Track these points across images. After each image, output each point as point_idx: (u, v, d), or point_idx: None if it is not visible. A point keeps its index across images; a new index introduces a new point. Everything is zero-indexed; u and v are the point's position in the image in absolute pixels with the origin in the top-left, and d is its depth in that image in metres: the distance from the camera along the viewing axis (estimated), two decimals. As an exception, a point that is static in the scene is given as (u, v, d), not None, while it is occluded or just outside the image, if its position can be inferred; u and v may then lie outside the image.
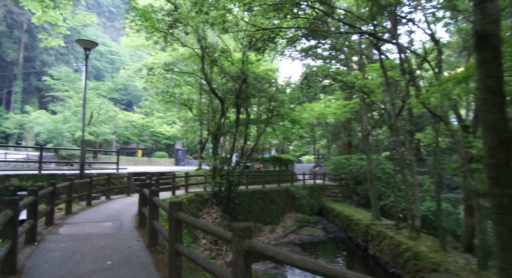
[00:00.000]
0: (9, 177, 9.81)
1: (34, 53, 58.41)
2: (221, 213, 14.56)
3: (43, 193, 5.82)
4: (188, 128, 28.29)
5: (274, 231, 17.36)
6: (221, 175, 14.52)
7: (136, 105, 57.50)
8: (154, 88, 16.65)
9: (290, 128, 23.43)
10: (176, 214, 3.75)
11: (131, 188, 13.14)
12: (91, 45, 11.28)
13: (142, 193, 6.41)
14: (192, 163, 43.00)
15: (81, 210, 8.63)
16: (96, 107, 30.44)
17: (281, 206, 19.75)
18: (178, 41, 15.22)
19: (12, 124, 41.82)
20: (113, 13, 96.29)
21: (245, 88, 14.50)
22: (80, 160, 10.67)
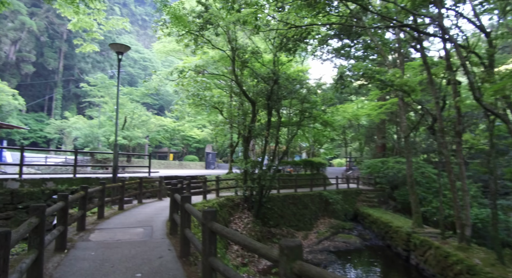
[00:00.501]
0: (45, 181, 9.95)
1: (73, 61, 61.27)
2: (253, 218, 14.16)
3: (74, 198, 5.66)
4: (218, 131, 28.27)
5: (307, 238, 16.71)
6: (253, 178, 14.14)
7: (168, 110, 58.74)
8: (185, 91, 16.62)
9: (321, 131, 22.70)
10: (211, 225, 3.36)
11: (162, 191, 13.05)
12: (124, 49, 11.31)
13: (174, 198, 6.12)
14: (222, 166, 43.07)
15: (113, 215, 8.52)
16: (129, 112, 31.19)
17: (314, 211, 19.05)
18: (208, 43, 15.08)
19: (52, 129, 43.92)
20: (146, 21, 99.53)
21: (277, 89, 14.06)
22: (113, 163, 10.67)
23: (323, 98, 17.79)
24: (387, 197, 24.57)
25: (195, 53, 16.55)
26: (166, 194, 13.76)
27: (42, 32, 56.35)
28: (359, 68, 11.83)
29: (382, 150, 32.90)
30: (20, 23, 50.67)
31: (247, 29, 14.81)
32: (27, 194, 9.27)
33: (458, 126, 10.10)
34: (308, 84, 18.14)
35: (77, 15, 12.39)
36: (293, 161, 27.14)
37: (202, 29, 13.17)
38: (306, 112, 16.44)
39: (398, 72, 12.96)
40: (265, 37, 15.51)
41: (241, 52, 14.10)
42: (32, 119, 54.17)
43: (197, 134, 45.06)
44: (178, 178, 15.57)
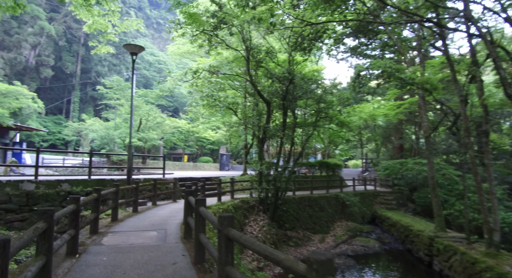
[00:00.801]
0: (60, 182, 9.92)
1: (90, 65, 62.41)
2: (268, 221, 13.86)
3: (86, 200, 5.50)
4: (233, 133, 28.10)
5: (324, 241, 16.28)
6: (268, 180, 13.85)
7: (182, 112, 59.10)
8: (199, 92, 16.49)
9: (337, 131, 22.22)
10: (227, 231, 3.10)
11: (177, 193, 12.91)
12: (138, 49, 11.23)
13: (188, 201, 5.90)
14: (237, 167, 42.91)
15: (127, 217, 8.39)
16: (144, 114, 31.39)
17: (330, 213, 18.60)
18: (222, 43, 14.92)
19: (70, 131, 44.70)
20: (161, 24, 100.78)
21: (292, 89, 13.75)
22: (127, 165, 10.58)
23: (340, 98, 17.37)
24: (406, 199, 23.87)
25: (209, 54, 16.42)
26: (180, 196, 13.63)
27: (61, 37, 57.61)
28: (378, 66, 11.40)
29: (399, 150, 32.09)
30: (40, 28, 51.91)
31: (261, 28, 14.57)
32: (42, 196, 9.26)
33: (485, 126, 9.56)
34: (323, 84, 17.77)
35: (92, 17, 12.40)
36: (308, 162, 26.70)
37: (216, 29, 13.00)
38: (322, 112, 16.07)
39: (419, 69, 12.46)
40: (280, 36, 15.25)
41: (256, 51, 13.86)
42: (51, 122, 55.37)
43: (211, 136, 45.08)
44: (192, 180, 15.44)
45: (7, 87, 21.62)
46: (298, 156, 15.06)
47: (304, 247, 15.15)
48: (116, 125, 34.57)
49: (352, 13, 13.46)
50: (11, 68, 49.73)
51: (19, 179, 9.32)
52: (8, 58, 49.16)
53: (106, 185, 11.01)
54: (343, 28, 18.12)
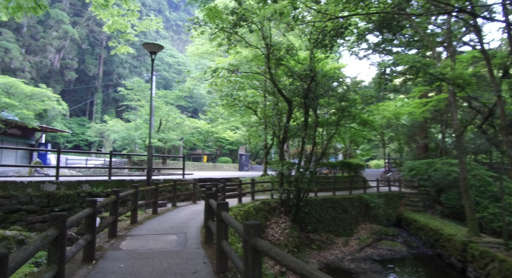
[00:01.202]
0: (81, 183, 9.87)
1: (112, 67, 63.72)
2: (290, 223, 13.43)
3: (104, 203, 5.28)
4: (252, 133, 27.79)
5: (348, 244, 15.71)
6: (289, 181, 13.44)
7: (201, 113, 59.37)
8: (218, 92, 16.26)
9: (360, 131, 21.51)
10: (255, 242, 2.74)
11: (196, 194, 12.69)
12: (157, 48, 11.08)
13: (209, 204, 5.59)
14: (256, 168, 42.59)
15: (147, 219, 8.19)
16: (164, 114, 31.56)
17: (354, 215, 17.97)
18: (242, 41, 14.62)
19: (93, 132, 45.66)
20: (180, 26, 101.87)
21: (314, 87, 13.28)
22: (147, 165, 10.43)
23: (363, 96, 16.73)
24: (433, 201, 22.88)
25: (228, 53, 16.16)
26: (200, 197, 13.41)
27: (83, 40, 59.05)
28: (406, 61, 10.78)
29: (424, 150, 30.89)
30: (64, 32, 53.35)
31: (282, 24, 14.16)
32: (63, 197, 9.21)
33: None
34: (346, 82, 17.18)
35: (112, 17, 12.37)
36: (330, 163, 26.06)
37: (236, 26, 12.70)
38: (345, 111, 15.51)
39: (449, 64, 11.73)
40: (301, 32, 14.79)
41: (276, 49, 13.47)
42: (75, 123, 56.82)
43: (230, 136, 44.99)
44: (212, 180, 15.22)
45: (32, 90, 22.13)
46: (320, 156, 14.55)
47: (328, 250, 14.64)
48: (136, 126, 34.96)
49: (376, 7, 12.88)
50: (37, 71, 51.33)
51: (41, 180, 9.31)
52: (35, 62, 50.77)
53: (126, 186, 10.91)
54: (366, 24, 17.51)
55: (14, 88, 20.77)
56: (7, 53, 45.28)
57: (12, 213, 8.27)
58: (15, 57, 46.00)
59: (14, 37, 47.91)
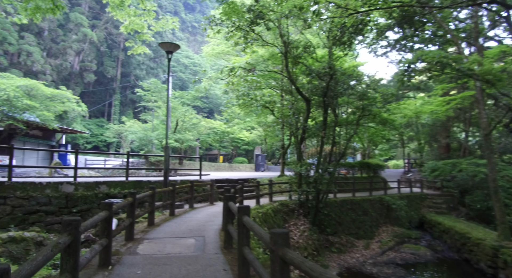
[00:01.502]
0: (99, 184, 9.82)
1: (129, 69, 64.68)
2: (309, 225, 13.08)
3: (121, 205, 5.11)
4: (269, 133, 27.52)
5: (369, 247, 15.20)
6: (308, 182, 13.09)
7: (217, 113, 59.50)
8: (235, 91, 16.06)
9: (380, 130, 20.87)
10: (283, 253, 2.46)
11: (214, 195, 12.50)
12: (173, 47, 10.94)
13: (228, 207, 5.34)
14: (272, 168, 42.25)
15: (164, 221, 8.02)
16: (181, 115, 31.66)
17: (374, 217, 17.42)
18: (259, 40, 14.38)
19: (111, 133, 46.39)
20: (196, 28, 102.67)
21: (333, 85, 12.89)
22: (164, 166, 10.30)
23: (383, 95, 16.18)
24: (457, 202, 22.02)
25: (244, 52, 15.92)
26: (217, 198, 13.22)
27: (102, 43, 60.16)
28: (431, 56, 10.26)
29: (446, 150, 29.86)
30: (83, 35, 54.46)
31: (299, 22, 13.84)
32: (81, 198, 9.17)
33: None
34: (365, 80, 16.69)
35: (129, 18, 12.34)
36: (348, 163, 25.48)
37: (253, 24, 12.45)
38: (365, 110, 15.03)
39: (478, 59, 11.13)
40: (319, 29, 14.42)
41: (294, 46, 13.15)
42: (94, 124, 57.91)
43: (246, 137, 44.84)
44: (229, 181, 15.02)
45: (52, 91, 22.53)
46: (340, 156, 14.13)
47: (348, 253, 14.19)
48: (153, 127, 35.24)
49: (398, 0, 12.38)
50: (57, 74, 52.57)
51: (59, 181, 9.31)
52: (55, 65, 52.01)
53: (143, 187, 10.82)
54: (386, 20, 16.96)
55: (35, 91, 21.18)
56: (29, 56, 46.54)
57: (31, 214, 8.27)
58: (36, 60, 47.23)
59: (36, 41, 49.21)
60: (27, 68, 45.62)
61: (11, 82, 20.01)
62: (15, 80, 21.02)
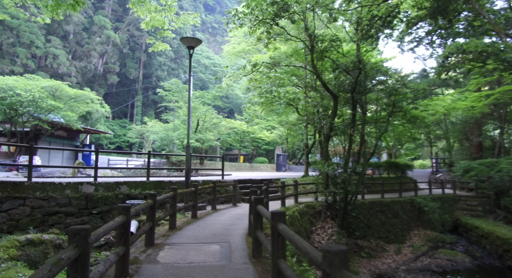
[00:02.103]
0: (119, 185, 9.51)
1: (151, 70, 65.48)
2: (337, 229, 12.36)
3: (139, 209, 4.66)
4: (291, 132, 26.84)
5: (400, 252, 14.30)
6: (336, 183, 12.36)
7: (237, 113, 59.23)
8: (257, 88, 15.52)
9: (409, 128, 19.77)
10: (342, 276, 1.88)
11: (237, 196, 12.00)
12: (195, 42, 10.52)
13: (257, 211, 4.79)
14: (293, 168, 41.47)
15: (186, 224, 7.57)
16: (201, 115, 31.48)
17: (405, 220, 16.45)
18: (282, 34, 13.80)
19: (133, 134, 46.92)
20: (216, 28, 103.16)
21: (363, 79, 12.12)
22: (186, 166, 9.88)
23: (414, 90, 15.22)
24: (493, 205, 20.63)
25: (267, 48, 15.36)
26: (240, 199, 12.73)
27: (124, 45, 61.16)
28: (474, 45, 9.36)
29: (478, 149, 28.20)
30: (106, 37, 55.50)
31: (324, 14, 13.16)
32: (101, 199, 8.87)
33: None
34: (395, 75, 15.78)
35: (150, 14, 12.05)
36: (374, 163, 24.44)
37: (276, 17, 11.87)
38: (396, 106, 14.16)
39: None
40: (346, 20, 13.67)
41: (319, 40, 12.47)
42: (117, 125, 58.91)
43: (267, 136, 44.32)
44: (252, 182, 14.49)
45: (75, 92, 22.76)
46: (370, 155, 13.33)
47: (378, 258, 13.36)
48: (175, 127, 35.26)
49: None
50: (82, 76, 53.79)
51: (79, 181, 9.05)
52: (80, 67, 53.22)
53: (164, 187, 10.45)
54: (417, 11, 16.00)
55: (59, 91, 21.42)
56: (55, 59, 47.79)
57: (51, 215, 8.02)
58: (62, 62, 48.44)
59: (62, 44, 50.51)
60: (53, 70, 46.87)
61: (36, 84, 20.29)
62: (40, 81, 21.33)
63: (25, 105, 18.93)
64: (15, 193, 7.73)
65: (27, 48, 44.47)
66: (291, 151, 47.88)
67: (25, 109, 19.10)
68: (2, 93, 18.43)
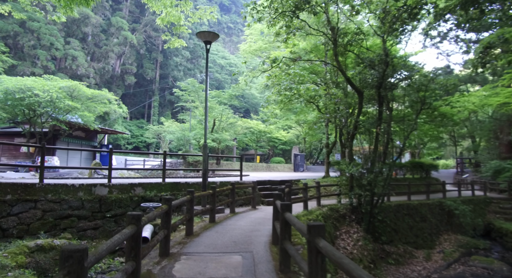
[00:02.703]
0: (134, 186, 9.08)
1: (167, 70, 65.78)
2: (363, 233, 11.59)
3: (152, 216, 4.14)
4: (309, 131, 26.08)
5: (430, 258, 13.39)
6: (361, 184, 11.60)
7: (253, 113, 58.72)
8: (276, 86, 14.89)
9: (436, 126, 18.70)
10: None
11: (256, 199, 11.42)
12: (212, 37, 10.00)
13: (285, 219, 4.19)
14: (311, 168, 40.62)
15: (204, 229, 7.04)
16: (218, 114, 31.12)
17: (434, 224, 15.50)
18: (303, 28, 13.16)
19: (150, 134, 47.08)
20: (231, 28, 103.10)
21: (391, 73, 11.33)
22: (203, 166, 9.37)
23: (442, 86, 14.26)
24: (528, 208, 19.31)
25: (285, 44, 14.74)
26: (260, 201, 12.14)
27: (141, 46, 61.62)
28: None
29: (508, 149, 26.64)
30: (123, 38, 56.01)
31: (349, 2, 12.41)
32: (115, 201, 8.45)
33: None
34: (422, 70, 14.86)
35: (165, 9, 11.63)
36: (398, 163, 23.38)
37: (297, 9, 11.24)
38: (425, 102, 13.26)
39: None
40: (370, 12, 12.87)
41: (343, 32, 11.75)
42: (135, 125, 59.39)
43: (283, 136, 43.67)
44: (271, 183, 13.88)
45: (92, 92, 22.72)
46: (398, 155, 12.50)
47: (407, 265, 12.51)
48: (191, 127, 35.05)
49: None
50: (100, 77, 54.44)
51: (92, 183, 8.66)
52: (98, 68, 53.88)
53: (180, 189, 9.98)
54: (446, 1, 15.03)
55: (77, 92, 21.39)
56: (74, 60, 48.48)
57: (63, 218, 7.64)
58: (81, 64, 49.11)
59: (80, 46, 51.23)
60: (72, 72, 47.56)
61: (54, 84, 20.29)
62: (58, 82, 21.34)
63: (43, 105, 18.92)
64: (26, 196, 7.38)
65: (47, 50, 45.25)
66: (308, 151, 47.03)
67: (43, 109, 19.10)
68: (20, 94, 18.46)
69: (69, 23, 51.19)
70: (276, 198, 5.91)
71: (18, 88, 18.60)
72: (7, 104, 19.15)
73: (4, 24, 41.64)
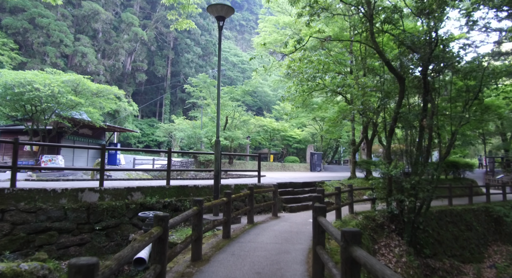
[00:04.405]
0: (132, 191, 7.42)
1: (179, 67, 64.56)
2: (406, 247, 9.71)
3: (136, 247, 2.41)
4: (329, 127, 24.19)
5: (482, 275, 11.38)
6: (403, 188, 9.71)
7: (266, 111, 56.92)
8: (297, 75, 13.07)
9: (477, 120, 16.55)
10: None
11: (277, 205, 9.65)
12: (225, 11, 8.28)
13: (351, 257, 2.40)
14: (329, 168, 38.61)
15: (216, 250, 5.33)
16: (230, 112, 29.53)
17: (481, 233, 13.46)
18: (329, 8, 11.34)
19: (161, 133, 45.84)
20: (243, 26, 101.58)
21: (441, 56, 9.40)
22: (215, 167, 7.67)
23: (492, 72, 12.22)
24: None
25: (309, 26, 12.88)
26: (281, 208, 10.38)
27: (152, 42, 60.52)
28: None
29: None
30: (134, 35, 54.93)
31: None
32: (107, 210, 6.81)
33: None
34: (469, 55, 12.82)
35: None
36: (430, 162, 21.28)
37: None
38: (473, 92, 11.28)
39: None
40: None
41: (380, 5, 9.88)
42: (146, 124, 58.34)
43: (298, 134, 41.78)
44: (293, 186, 12.08)
45: (98, 86, 21.30)
46: (445, 153, 10.56)
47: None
48: (202, 125, 33.56)
49: None
50: (111, 74, 53.50)
51: (79, 187, 7.03)
52: (108, 65, 52.93)
53: (188, 194, 8.30)
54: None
55: (81, 86, 20.01)
56: (84, 57, 47.58)
57: (39, 233, 6.03)
58: (91, 61, 48.19)
59: (90, 42, 50.33)
60: (82, 69, 46.64)
61: (56, 78, 18.94)
62: (61, 75, 20.01)
63: (44, 100, 17.57)
64: (-9, 204, 5.81)
65: (57, 47, 44.41)
66: (323, 150, 44.98)
67: (44, 105, 17.75)
68: (20, 88, 17.16)
69: (79, 20, 50.36)
70: (319, 213, 4.15)
71: (18, 82, 17.28)
72: (6, 99, 17.88)
73: (13, 20, 40.92)
